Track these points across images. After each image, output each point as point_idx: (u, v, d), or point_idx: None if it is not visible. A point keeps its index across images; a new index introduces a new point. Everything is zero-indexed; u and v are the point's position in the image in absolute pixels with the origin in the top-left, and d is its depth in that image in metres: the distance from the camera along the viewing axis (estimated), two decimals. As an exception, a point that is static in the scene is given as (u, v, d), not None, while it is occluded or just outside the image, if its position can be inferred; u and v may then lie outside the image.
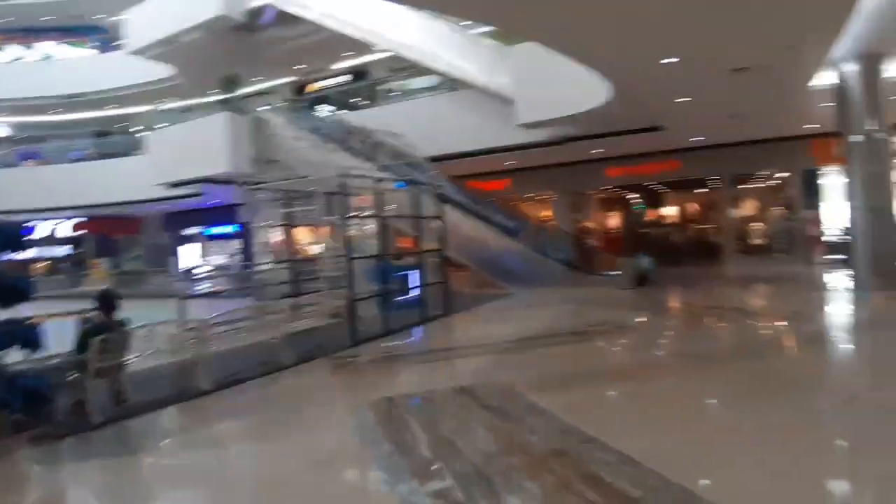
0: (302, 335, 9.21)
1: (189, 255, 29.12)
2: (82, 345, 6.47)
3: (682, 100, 13.28)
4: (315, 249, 18.98)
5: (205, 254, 29.09)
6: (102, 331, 6.52)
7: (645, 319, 11.71)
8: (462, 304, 13.27)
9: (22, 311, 6.36)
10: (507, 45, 16.04)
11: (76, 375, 6.39)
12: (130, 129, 27.90)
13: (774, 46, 10.29)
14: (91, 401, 6.32)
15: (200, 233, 29.42)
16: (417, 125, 16.84)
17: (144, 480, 5.24)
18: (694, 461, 4.56)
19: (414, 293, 12.53)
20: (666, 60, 10.60)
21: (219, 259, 27.90)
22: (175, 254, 28.88)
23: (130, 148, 25.37)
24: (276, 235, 11.78)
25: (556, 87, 14.08)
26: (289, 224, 12.24)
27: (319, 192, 10.40)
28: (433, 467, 4.54)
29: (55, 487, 5.23)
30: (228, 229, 28.05)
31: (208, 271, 24.04)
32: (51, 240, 29.77)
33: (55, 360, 6.62)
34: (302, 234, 17.12)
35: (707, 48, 10.27)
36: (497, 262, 16.69)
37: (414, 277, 12.74)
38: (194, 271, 23.52)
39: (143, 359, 7.14)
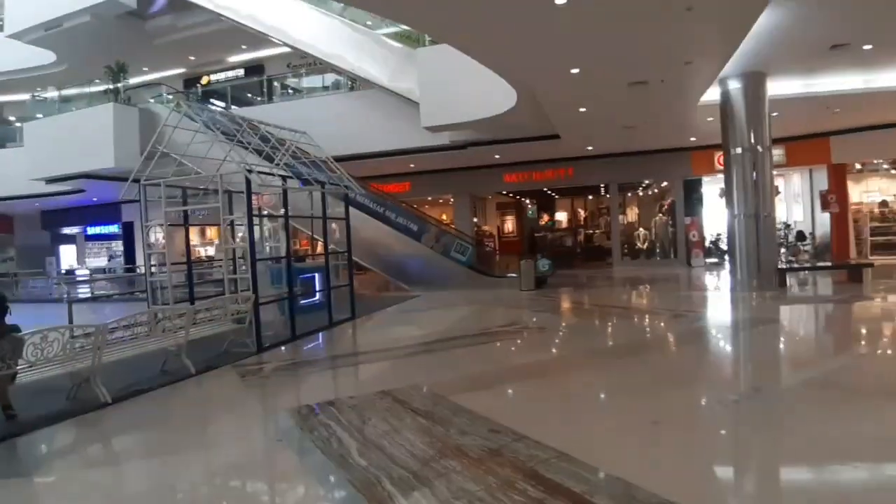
0: (204, 341, 8.71)
1: (67, 257, 26.93)
2: None
3: (581, 110, 13.76)
4: (206, 251, 18.17)
5: (84, 255, 27.02)
6: None
7: (549, 319, 11.99)
8: (367, 307, 13.10)
9: None
10: (413, 48, 16.00)
11: None
12: (4, 119, 25.47)
13: (673, 62, 10.87)
14: None
15: (80, 232, 27.30)
16: (316, 124, 16.38)
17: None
18: (623, 452, 4.70)
19: (317, 296, 12.21)
20: (572, 71, 10.94)
21: (99, 261, 26.01)
22: (52, 255, 26.63)
23: (3, 139, 23.11)
24: (167, 235, 11.06)
25: (462, 92, 14.20)
26: (185, 223, 11.55)
27: (221, 190, 9.85)
28: (369, 475, 4.41)
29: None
30: (110, 229, 26.24)
31: (90, 274, 22.36)
32: None
33: None
34: (192, 235, 16.31)
35: (609, 61, 10.68)
36: (399, 264, 16.62)
37: (314, 280, 12.43)
38: (75, 273, 21.86)
39: (34, 369, 6.44)
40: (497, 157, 19.47)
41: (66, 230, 27.36)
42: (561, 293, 15.53)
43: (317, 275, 12.43)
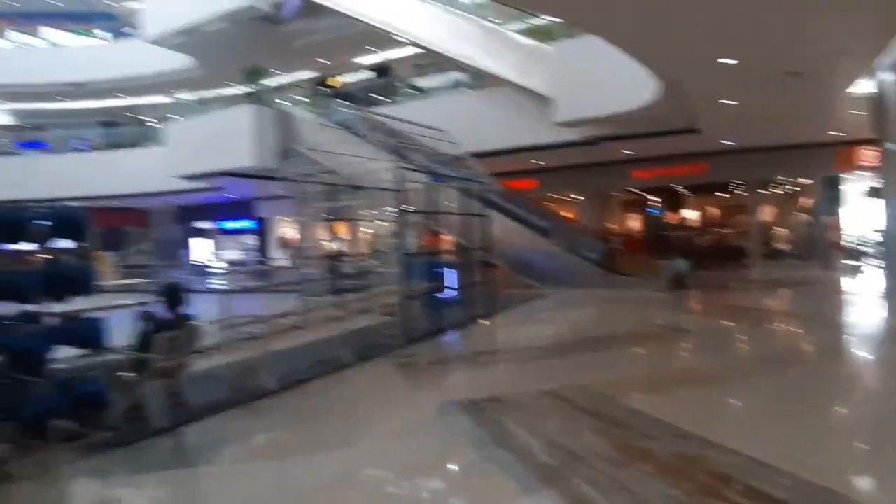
0: (358, 333, 8.89)
1: (201, 250, 28.64)
2: (144, 342, 5.84)
3: (727, 102, 13.15)
4: (335, 246, 18.71)
5: (217, 248, 28.64)
6: (167, 327, 5.93)
7: (697, 322, 11.45)
8: (501, 304, 12.91)
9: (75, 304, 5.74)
10: (544, 43, 15.82)
11: (133, 376, 5.75)
12: (142, 120, 27.27)
13: (827, 52, 10.17)
14: (150, 405, 5.73)
15: (213, 227, 28.97)
16: (440, 123, 16.54)
17: (220, 498, 4.68)
18: (820, 461, 4.47)
19: (452, 292, 12.24)
20: (724, 61, 10.44)
21: (231, 254, 27.46)
22: (186, 248, 28.40)
23: (141, 139, 24.76)
24: (301, 231, 11.49)
25: (599, 85, 13.88)
26: (332, 218, 11.92)
27: (370, 187, 10.10)
28: (561, 475, 4.32)
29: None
30: (244, 224, 27.66)
31: (232, 266, 23.60)
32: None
33: (107, 359, 5.90)
34: (321, 231, 16.74)
35: (767, 50, 10.13)
36: (527, 260, 16.44)
37: (451, 276, 12.50)
38: (213, 265, 23.15)
39: (202, 357, 6.57)
40: (627, 152, 18.89)
41: (200, 225, 29.08)
42: (703, 295, 14.83)
43: (451, 271, 12.47)
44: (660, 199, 23.87)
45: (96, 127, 26.85)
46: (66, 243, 5.74)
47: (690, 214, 24.44)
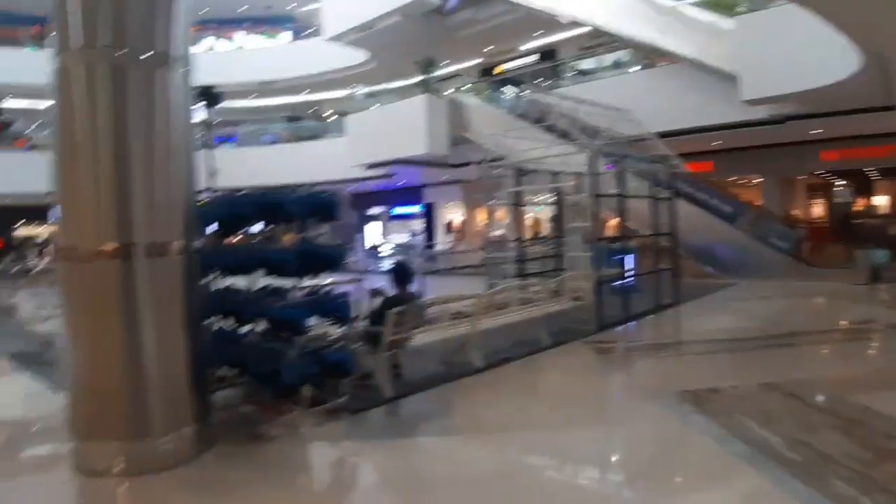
0: (550, 317, 8.97)
1: (372, 234, 30.20)
2: (378, 316, 6.32)
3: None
4: (507, 231, 18.99)
5: (387, 232, 30.08)
6: (397, 303, 6.36)
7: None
8: (684, 293, 12.36)
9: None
10: (725, 17, 15.05)
11: (366, 348, 6.18)
12: (322, 114, 29.04)
13: None
14: (380, 376, 6.19)
15: (384, 212, 30.41)
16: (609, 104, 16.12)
17: (438, 470, 4.83)
18: None
19: (638, 279, 12.04)
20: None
21: (401, 238, 28.71)
22: (360, 232, 30.05)
23: (321, 131, 26.37)
24: (470, 215, 11.80)
25: (791, 59, 12.99)
26: (510, 203, 12.14)
27: (555, 171, 10.18)
28: (815, 472, 4.19)
29: (376, 467, 5.06)
30: (412, 209, 28.80)
31: (401, 249, 24.73)
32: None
33: (343, 331, 6.16)
34: (483, 216, 17.00)
35: None
36: (708, 248, 15.78)
37: (636, 262, 12.33)
38: (384, 248, 24.30)
39: (421, 332, 6.76)
40: (817, 131, 17.42)
41: (372, 210, 30.54)
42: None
43: (636, 257, 12.30)
44: (848, 183, 21.91)
45: (282, 121, 28.76)
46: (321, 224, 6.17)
47: (881, 200, 22.25)
